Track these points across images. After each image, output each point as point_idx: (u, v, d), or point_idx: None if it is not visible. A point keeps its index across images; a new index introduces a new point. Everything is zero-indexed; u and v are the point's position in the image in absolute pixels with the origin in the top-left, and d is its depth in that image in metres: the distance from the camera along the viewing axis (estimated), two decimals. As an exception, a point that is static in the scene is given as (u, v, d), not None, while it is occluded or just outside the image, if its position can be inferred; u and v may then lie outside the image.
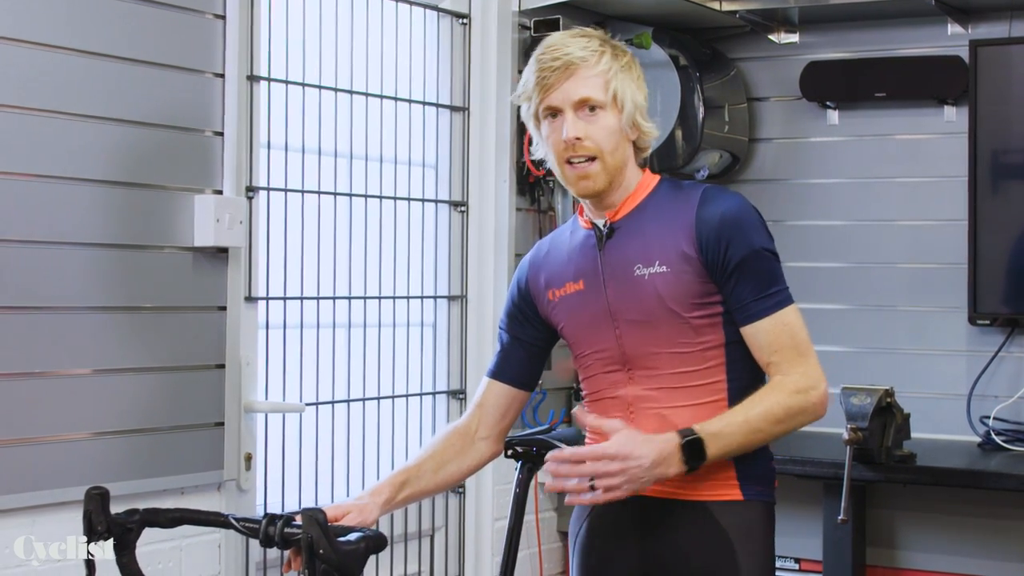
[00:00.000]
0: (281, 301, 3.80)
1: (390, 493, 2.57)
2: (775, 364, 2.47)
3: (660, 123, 4.56)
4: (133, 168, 3.31)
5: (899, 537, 4.28)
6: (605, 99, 2.49)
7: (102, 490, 2.27)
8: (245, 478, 3.58)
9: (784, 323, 2.48)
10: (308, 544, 2.12)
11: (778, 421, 2.43)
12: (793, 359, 2.47)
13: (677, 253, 2.48)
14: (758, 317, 2.47)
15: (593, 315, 2.57)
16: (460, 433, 2.69)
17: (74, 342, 3.19)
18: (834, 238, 4.80)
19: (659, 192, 2.58)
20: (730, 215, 2.48)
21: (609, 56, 2.51)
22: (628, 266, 2.52)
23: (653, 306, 2.50)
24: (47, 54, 3.12)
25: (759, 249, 2.47)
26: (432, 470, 2.64)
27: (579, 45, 2.50)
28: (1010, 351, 4.49)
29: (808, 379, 2.46)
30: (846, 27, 4.78)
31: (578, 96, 2.48)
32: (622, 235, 2.55)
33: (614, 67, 2.50)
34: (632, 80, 2.53)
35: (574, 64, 2.48)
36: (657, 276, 2.49)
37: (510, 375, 2.70)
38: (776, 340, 2.47)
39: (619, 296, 2.53)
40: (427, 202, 4.31)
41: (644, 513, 2.54)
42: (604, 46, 2.52)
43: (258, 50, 3.65)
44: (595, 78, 2.49)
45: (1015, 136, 4.49)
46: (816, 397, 2.46)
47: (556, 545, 4.66)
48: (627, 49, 2.58)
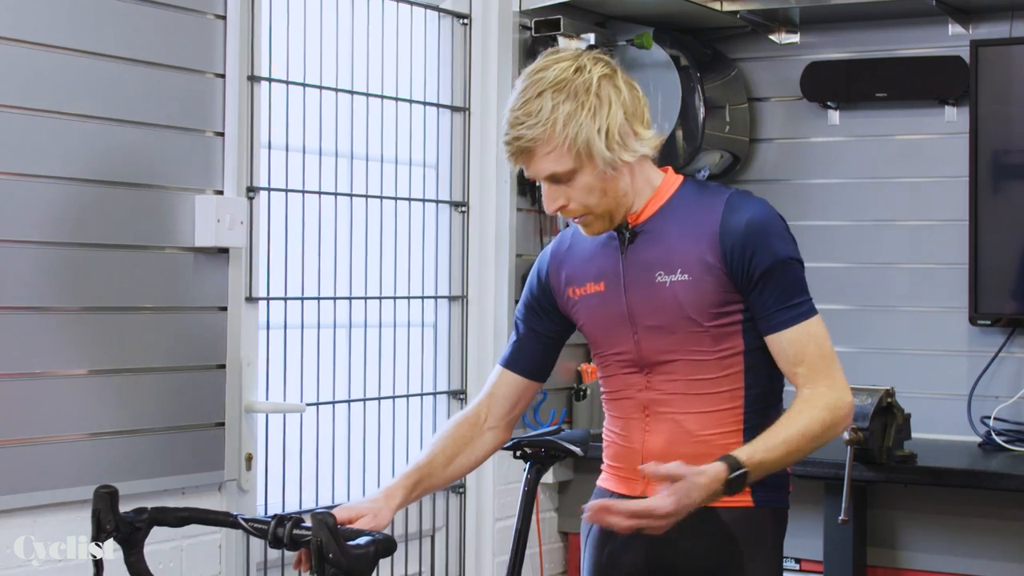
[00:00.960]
0: (282, 301, 3.79)
1: (403, 496, 2.57)
2: (802, 376, 2.46)
3: (661, 123, 4.64)
4: (134, 168, 3.31)
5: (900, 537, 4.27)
6: (572, 164, 2.42)
7: (111, 489, 2.27)
8: (246, 478, 3.57)
9: (809, 334, 2.46)
10: (318, 548, 2.12)
11: (815, 438, 2.42)
12: (819, 370, 2.46)
13: (699, 261, 2.47)
14: (783, 327, 2.46)
15: (612, 317, 2.56)
16: (469, 423, 2.69)
17: (74, 342, 3.19)
18: (835, 238, 4.80)
19: (683, 194, 2.54)
20: (756, 223, 2.45)
21: (568, 110, 2.40)
22: (650, 272, 2.51)
23: (673, 313, 2.49)
24: (47, 54, 3.12)
25: (785, 258, 2.46)
26: (443, 465, 2.64)
27: (532, 120, 2.40)
28: (1011, 351, 4.48)
29: (836, 392, 2.45)
30: (847, 27, 4.78)
31: (544, 174, 2.45)
32: (644, 239, 2.53)
33: (573, 124, 2.39)
34: (603, 118, 2.41)
35: (528, 148, 2.42)
36: (678, 284, 2.48)
37: (523, 366, 2.70)
38: (802, 351, 2.46)
39: (639, 301, 2.52)
40: (428, 202, 4.31)
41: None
42: (562, 94, 2.40)
43: (259, 50, 3.65)
44: (553, 152, 2.41)
45: (1016, 136, 4.49)
46: (845, 410, 2.46)
47: (557, 545, 4.66)
48: (601, 69, 2.45)
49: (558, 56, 2.48)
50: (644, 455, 2.55)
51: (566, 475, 4.59)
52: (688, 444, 2.51)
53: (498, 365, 2.73)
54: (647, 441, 2.56)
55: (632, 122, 2.45)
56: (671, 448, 2.51)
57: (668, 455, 2.47)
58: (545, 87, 2.42)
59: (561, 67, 2.44)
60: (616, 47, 4.61)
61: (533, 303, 2.69)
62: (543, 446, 3.25)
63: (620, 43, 4.63)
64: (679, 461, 2.32)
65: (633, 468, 2.57)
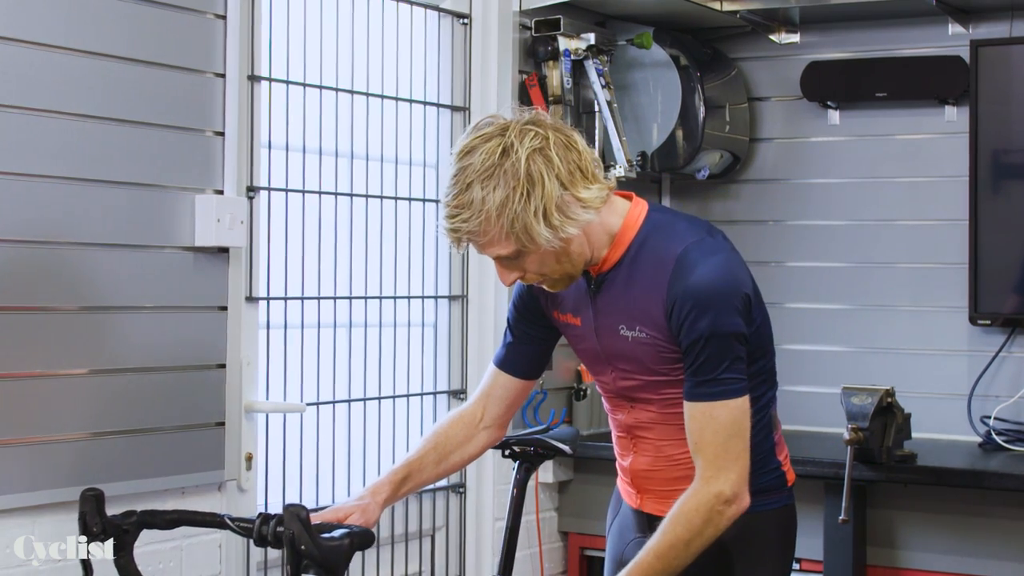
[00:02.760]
0: (282, 301, 3.79)
1: (390, 491, 2.59)
2: (695, 457, 2.44)
3: (661, 123, 4.64)
4: (134, 168, 3.31)
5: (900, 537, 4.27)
6: (516, 247, 2.37)
7: (97, 492, 2.26)
8: (246, 478, 3.57)
9: (711, 416, 2.41)
10: (290, 540, 2.11)
11: (687, 543, 2.39)
12: (707, 457, 2.41)
13: (652, 320, 2.45)
14: (690, 399, 2.44)
15: (590, 353, 2.61)
16: (465, 422, 2.71)
17: (75, 342, 3.19)
18: (835, 238, 4.80)
19: (644, 238, 2.47)
20: (696, 292, 2.39)
21: (499, 199, 2.32)
22: (615, 324, 2.51)
23: (637, 363, 2.51)
24: (47, 54, 3.12)
25: (714, 333, 2.39)
26: (434, 462, 2.66)
27: (466, 213, 2.34)
28: (1011, 351, 4.48)
29: (711, 487, 2.39)
30: (847, 27, 4.78)
31: (492, 255, 2.42)
32: (608, 288, 2.51)
33: (508, 213, 2.32)
34: (539, 199, 2.32)
35: (468, 239, 2.39)
36: (637, 340, 2.48)
37: (518, 366, 2.71)
38: (698, 432, 2.43)
39: (609, 346, 2.54)
40: (428, 202, 4.31)
41: (651, 528, 2.54)
42: (491, 182, 2.32)
43: (259, 50, 3.65)
44: (493, 240, 2.37)
45: (1016, 136, 4.49)
46: (716, 504, 2.39)
47: (557, 545, 4.66)
48: (530, 141, 2.34)
49: (484, 134, 2.37)
50: (632, 473, 2.66)
51: (566, 475, 4.59)
52: (670, 468, 2.58)
53: (492, 365, 2.74)
54: (633, 461, 2.65)
55: (573, 189, 2.36)
56: (654, 471, 2.61)
57: (650, 476, 2.62)
58: (473, 178, 2.33)
59: (487, 149, 2.34)
60: (616, 47, 4.61)
61: (522, 308, 2.70)
62: (532, 444, 3.25)
63: (620, 43, 4.63)
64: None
65: (628, 482, 2.69)
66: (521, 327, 2.70)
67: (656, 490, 2.61)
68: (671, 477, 2.56)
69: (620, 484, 2.74)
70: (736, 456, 2.40)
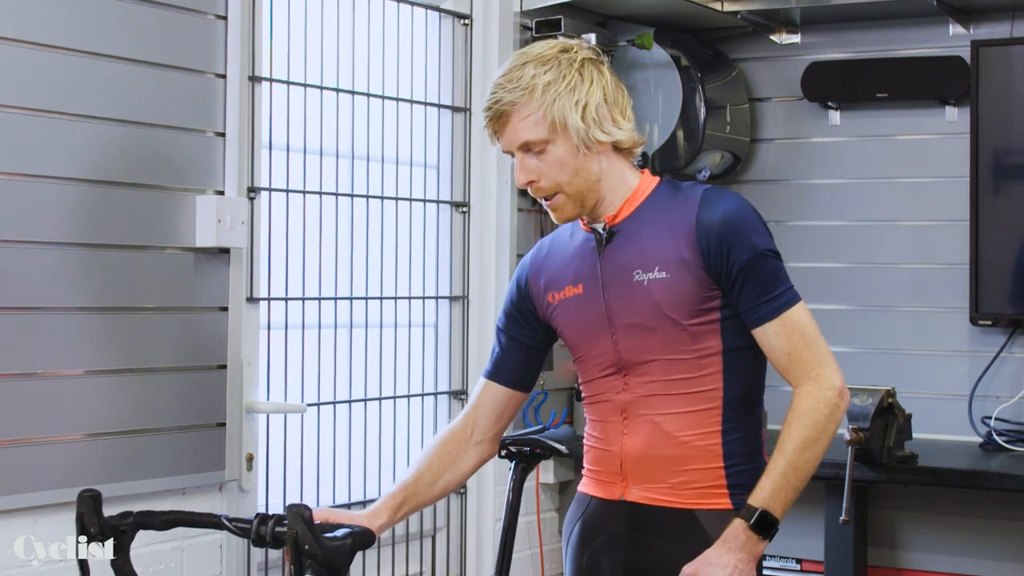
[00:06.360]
0: (283, 302, 3.80)
1: (388, 517, 2.58)
2: (791, 372, 2.47)
3: (662, 124, 4.64)
4: (134, 168, 3.31)
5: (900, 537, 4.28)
6: (546, 135, 2.45)
7: (94, 492, 2.27)
8: (246, 478, 3.58)
9: (791, 322, 2.46)
10: (293, 540, 2.11)
11: (815, 441, 2.43)
12: (805, 362, 2.46)
13: (677, 258, 2.47)
14: (766, 320, 2.46)
15: (591, 319, 2.56)
16: (456, 439, 2.68)
17: (75, 342, 3.19)
18: (835, 238, 4.80)
19: (658, 194, 2.55)
20: (730, 218, 2.45)
21: (548, 80, 2.44)
22: (627, 271, 2.51)
23: (651, 312, 2.49)
24: (47, 54, 3.12)
25: (762, 251, 2.46)
26: (429, 483, 2.64)
27: (512, 84, 2.45)
28: (1012, 351, 4.49)
29: (821, 385, 2.45)
30: (847, 27, 4.78)
31: (518, 142, 2.47)
32: (621, 239, 2.53)
33: (551, 93, 2.44)
34: (583, 93, 2.46)
35: (505, 112, 2.46)
36: (656, 282, 2.48)
37: (507, 376, 2.69)
38: (787, 342, 2.46)
39: (618, 301, 2.52)
40: (428, 202, 4.31)
41: (632, 519, 2.54)
42: (545, 67, 2.46)
43: (260, 51, 3.66)
44: (529, 118, 2.45)
45: (1016, 136, 4.49)
46: (835, 399, 2.45)
47: (557, 545, 4.66)
48: (587, 52, 2.51)
49: (551, 40, 2.54)
50: (623, 458, 2.56)
51: (566, 475, 4.59)
52: (666, 446, 2.52)
53: (482, 378, 2.72)
54: (625, 444, 2.56)
55: (611, 108, 2.49)
56: (649, 450, 2.53)
57: (646, 457, 2.53)
58: (529, 59, 2.48)
59: (549, 44, 2.51)
60: (617, 47, 4.61)
61: (513, 312, 2.69)
62: (529, 444, 3.25)
63: (621, 43, 4.63)
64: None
65: (612, 471, 2.59)
66: (512, 330, 2.68)
67: (647, 473, 2.54)
68: (667, 457, 2.50)
69: (590, 481, 2.65)
70: (828, 351, 2.48)
